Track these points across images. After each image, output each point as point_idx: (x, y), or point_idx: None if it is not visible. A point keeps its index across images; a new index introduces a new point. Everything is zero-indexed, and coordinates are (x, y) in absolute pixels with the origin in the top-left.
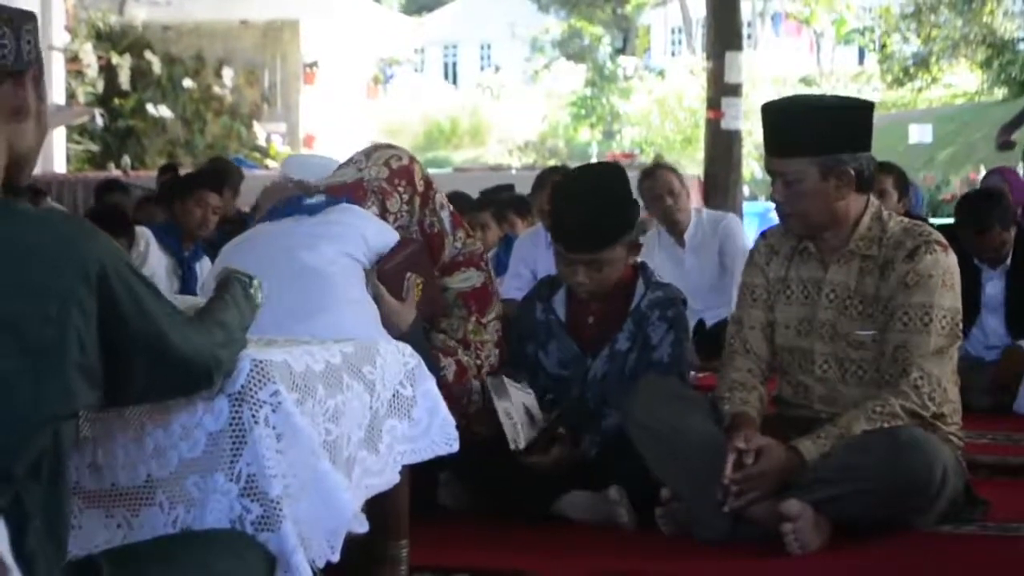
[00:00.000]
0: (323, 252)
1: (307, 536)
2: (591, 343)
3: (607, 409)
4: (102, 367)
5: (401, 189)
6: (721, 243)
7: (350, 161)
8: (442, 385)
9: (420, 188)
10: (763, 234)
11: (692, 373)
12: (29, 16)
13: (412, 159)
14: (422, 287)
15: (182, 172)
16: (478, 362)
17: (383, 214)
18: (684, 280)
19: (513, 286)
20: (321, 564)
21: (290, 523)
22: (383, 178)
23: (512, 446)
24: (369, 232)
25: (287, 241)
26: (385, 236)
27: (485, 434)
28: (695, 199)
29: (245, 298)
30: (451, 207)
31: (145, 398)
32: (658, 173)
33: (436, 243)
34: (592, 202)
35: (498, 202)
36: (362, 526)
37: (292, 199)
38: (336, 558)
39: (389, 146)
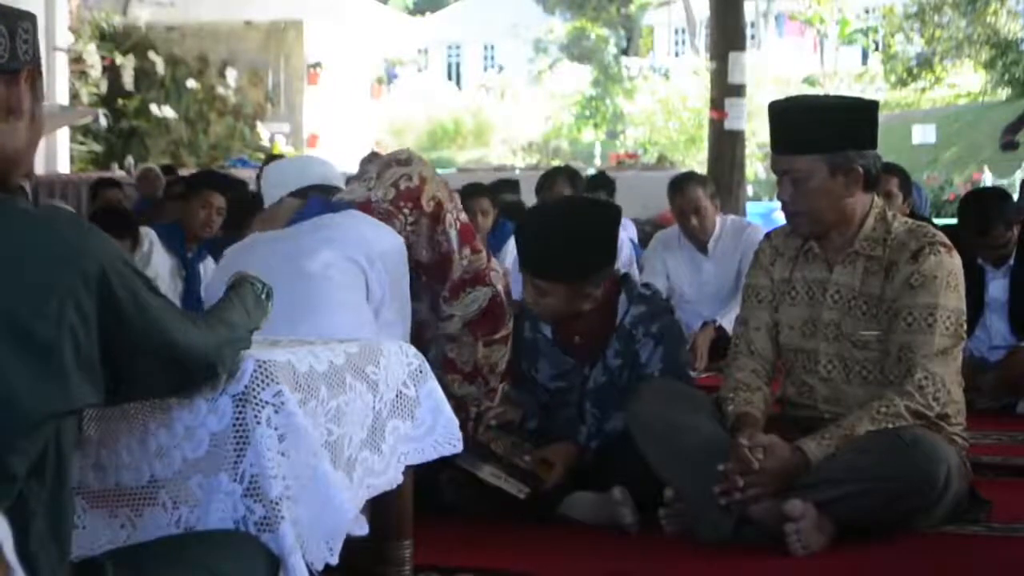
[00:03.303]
0: (322, 257)
1: (306, 538)
2: (583, 358)
3: (611, 411)
4: (102, 365)
5: (407, 211)
6: (743, 252)
7: (363, 174)
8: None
9: (429, 209)
10: (768, 235)
11: (692, 374)
12: (27, 15)
13: (423, 180)
14: None
15: (183, 173)
16: (487, 386)
17: None
18: (701, 285)
19: (518, 289)
20: (320, 566)
21: (288, 524)
22: (389, 199)
23: (522, 496)
24: (370, 234)
25: (288, 247)
26: (385, 239)
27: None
28: None
29: (255, 302)
30: (463, 221)
31: (149, 394)
32: (687, 190)
33: (445, 262)
34: (559, 232)
35: (501, 207)
36: (362, 529)
37: (312, 203)
38: (335, 560)
39: (405, 163)
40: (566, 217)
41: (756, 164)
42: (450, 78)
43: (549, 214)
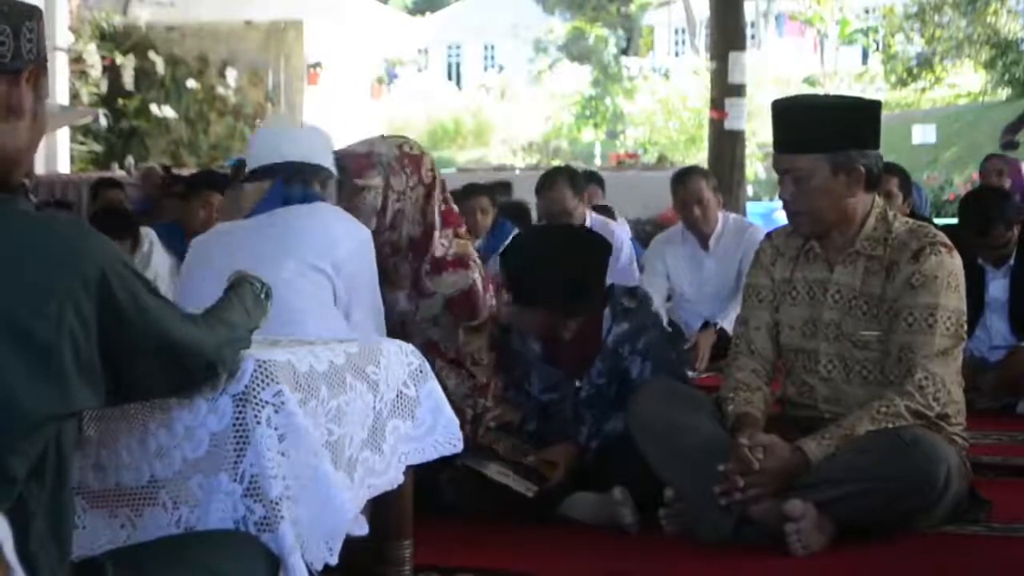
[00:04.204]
0: (285, 271)
1: (305, 538)
2: (572, 370)
3: (610, 413)
4: (103, 367)
5: (408, 172)
6: (744, 252)
7: (365, 141)
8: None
9: (427, 180)
10: (768, 235)
11: (692, 374)
12: (33, 13)
13: (424, 152)
14: None
15: (185, 173)
16: (474, 381)
17: (387, 188)
18: (701, 283)
19: None
20: (319, 567)
21: (288, 524)
22: (393, 156)
23: (530, 495)
24: (335, 232)
25: (251, 249)
26: (352, 235)
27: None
28: None
29: (254, 301)
30: (447, 207)
31: (149, 395)
32: (690, 181)
33: (429, 235)
34: (549, 264)
35: (503, 207)
36: (362, 529)
37: (274, 191)
38: (334, 561)
39: (404, 137)
40: (553, 246)
41: (756, 164)
42: (450, 78)
43: (537, 240)
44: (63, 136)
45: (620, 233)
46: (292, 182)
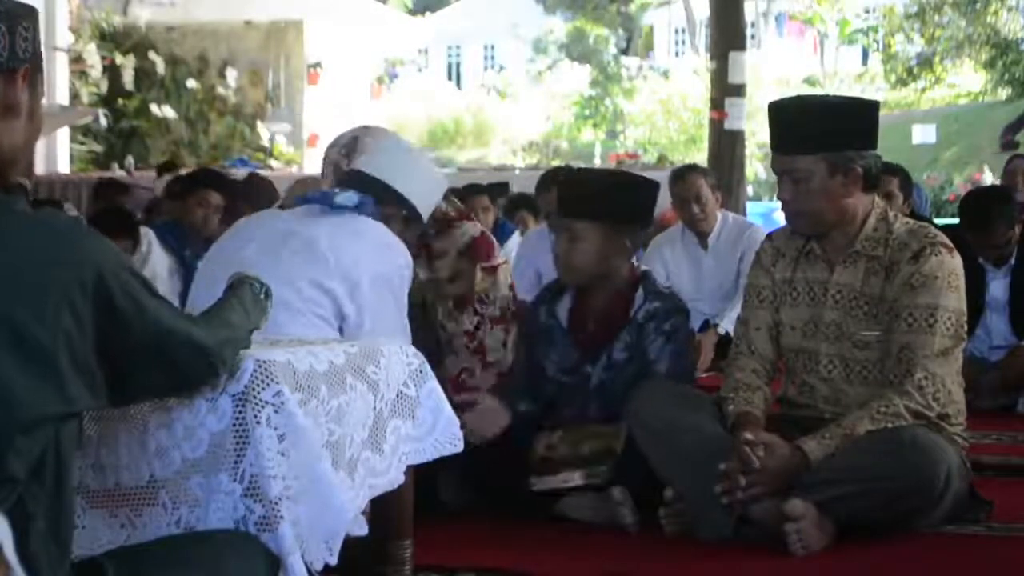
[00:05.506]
0: (295, 295)
1: (305, 538)
2: (590, 349)
3: (613, 412)
4: (101, 368)
5: None
6: (744, 252)
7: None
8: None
9: None
10: (769, 236)
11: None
12: (27, 11)
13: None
14: None
15: (185, 172)
16: (479, 318)
17: None
18: (700, 281)
19: (520, 287)
20: (319, 566)
21: (288, 524)
22: None
23: (598, 481)
24: (366, 259)
25: (271, 262)
26: (385, 262)
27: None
28: None
29: (254, 302)
30: None
31: (150, 395)
32: (688, 177)
33: None
34: (600, 179)
35: (511, 200)
36: (361, 529)
37: (324, 194)
38: (334, 561)
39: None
40: (609, 171)
41: (756, 164)
42: (450, 78)
43: (592, 167)
44: (63, 136)
45: None
46: (362, 191)
